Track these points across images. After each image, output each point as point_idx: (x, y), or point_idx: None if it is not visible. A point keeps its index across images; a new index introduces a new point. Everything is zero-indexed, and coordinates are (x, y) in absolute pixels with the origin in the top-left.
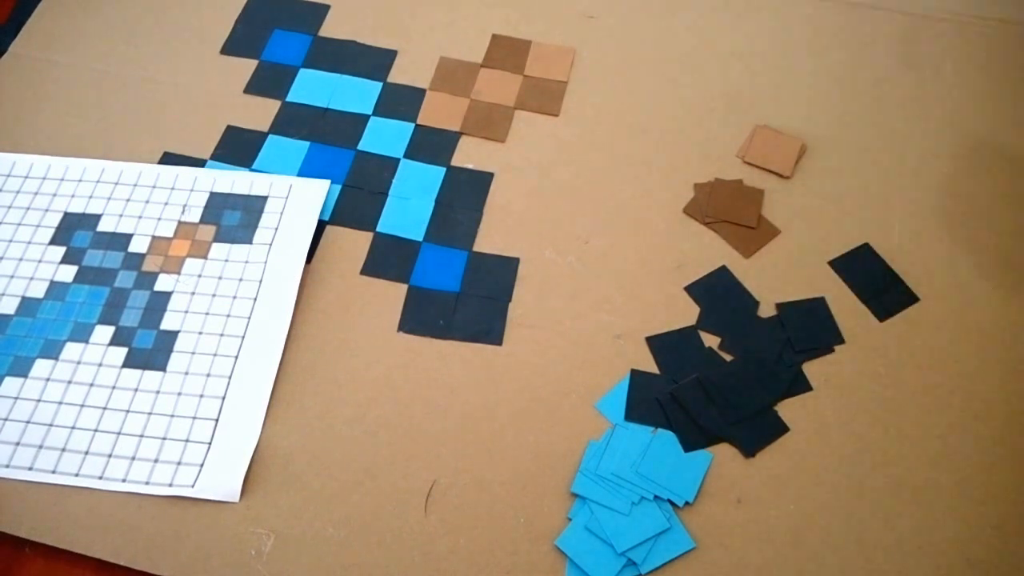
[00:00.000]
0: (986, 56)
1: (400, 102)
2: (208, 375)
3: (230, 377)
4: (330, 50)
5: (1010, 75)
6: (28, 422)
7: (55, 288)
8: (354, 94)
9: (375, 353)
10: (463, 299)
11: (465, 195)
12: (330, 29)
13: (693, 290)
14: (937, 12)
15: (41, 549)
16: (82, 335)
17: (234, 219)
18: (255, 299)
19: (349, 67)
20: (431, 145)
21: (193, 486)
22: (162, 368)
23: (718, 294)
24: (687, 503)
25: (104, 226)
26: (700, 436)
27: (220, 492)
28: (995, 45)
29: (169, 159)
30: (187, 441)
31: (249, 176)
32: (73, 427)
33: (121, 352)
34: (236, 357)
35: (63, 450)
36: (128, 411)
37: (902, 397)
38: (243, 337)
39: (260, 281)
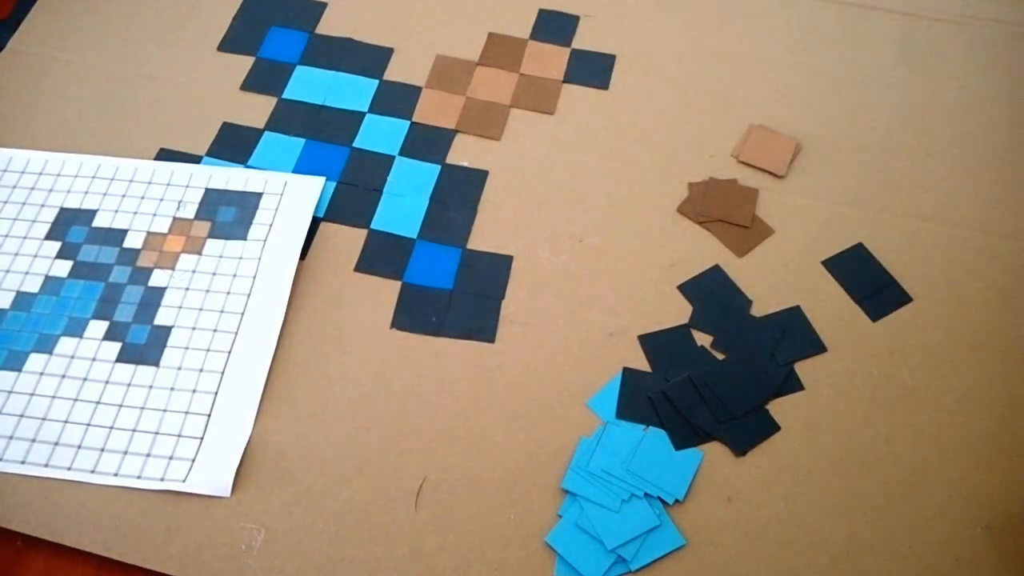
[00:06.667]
0: (982, 56)
1: (396, 100)
2: (201, 370)
3: (223, 372)
4: (327, 47)
5: (1005, 75)
6: (22, 416)
7: (50, 283)
8: (350, 91)
9: (368, 350)
10: (456, 296)
11: (459, 193)
12: (327, 26)
13: (686, 289)
14: (933, 12)
15: (41, 548)
16: (76, 330)
17: (229, 215)
18: (249, 295)
19: (345, 64)
20: (426, 143)
21: (185, 480)
22: (155, 363)
23: (711, 293)
24: (677, 501)
25: (99, 222)
26: (691, 434)
27: (211, 487)
28: (991, 45)
29: (165, 155)
30: (179, 436)
31: (244, 173)
32: (66, 421)
33: (115, 347)
34: (229, 353)
35: (56, 444)
36: (121, 406)
37: (894, 397)
38: (236, 333)
39: (254, 277)
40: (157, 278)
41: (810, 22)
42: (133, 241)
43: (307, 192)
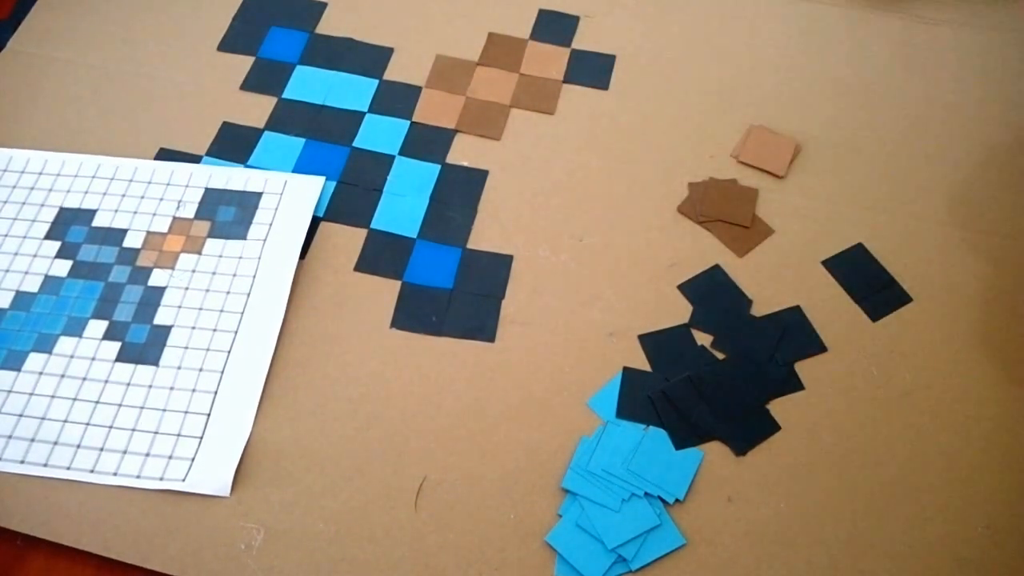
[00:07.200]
0: (980, 60)
1: (396, 99)
2: (200, 370)
3: (222, 372)
4: (326, 47)
5: (1004, 78)
6: (21, 415)
7: (49, 282)
8: (350, 91)
9: (368, 349)
10: (456, 296)
11: (459, 192)
12: (327, 26)
13: (686, 289)
14: (934, 15)
15: (41, 548)
16: (76, 329)
17: (229, 215)
18: (248, 294)
19: (345, 64)
20: (426, 142)
21: (184, 480)
22: (155, 363)
23: (711, 293)
24: (678, 500)
25: (99, 221)
26: (691, 434)
27: (211, 486)
28: (989, 48)
29: (165, 155)
30: (179, 435)
31: (244, 172)
32: (65, 421)
33: (114, 346)
34: (229, 352)
35: (55, 443)
36: (120, 405)
37: (894, 397)
38: (236, 332)
39: (254, 277)
40: (156, 277)
41: (810, 23)
42: (133, 241)
43: (307, 192)
